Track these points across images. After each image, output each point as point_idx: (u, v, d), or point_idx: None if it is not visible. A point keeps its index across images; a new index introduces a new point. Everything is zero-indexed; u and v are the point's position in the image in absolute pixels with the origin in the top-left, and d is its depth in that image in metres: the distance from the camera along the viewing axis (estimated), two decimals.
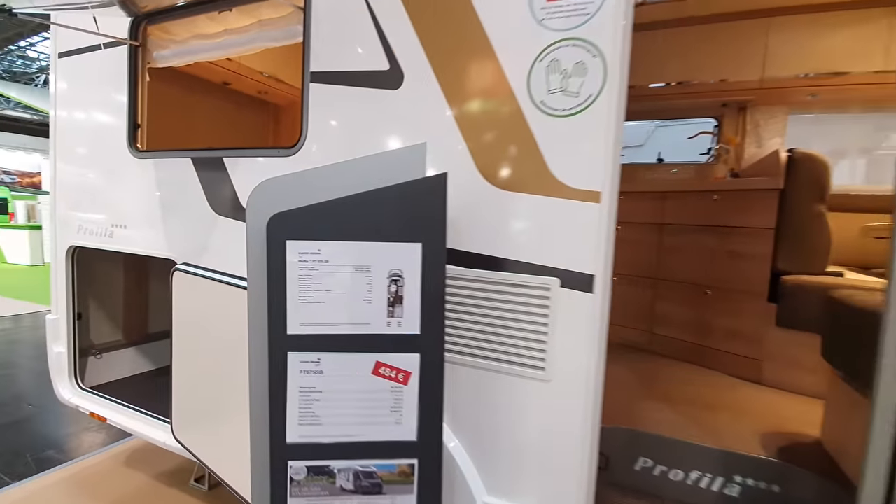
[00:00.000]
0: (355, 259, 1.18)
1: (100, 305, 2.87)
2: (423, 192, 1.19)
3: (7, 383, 4.50)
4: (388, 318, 1.21)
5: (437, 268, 1.21)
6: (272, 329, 1.17)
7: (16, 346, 5.61)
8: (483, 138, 1.46)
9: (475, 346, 1.50)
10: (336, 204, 1.17)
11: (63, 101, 2.51)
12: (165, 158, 2.12)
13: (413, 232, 1.19)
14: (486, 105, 1.46)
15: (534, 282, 1.42)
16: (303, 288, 1.17)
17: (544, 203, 1.39)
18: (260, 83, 3.49)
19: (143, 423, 2.36)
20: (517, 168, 1.43)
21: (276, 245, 1.15)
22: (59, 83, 2.52)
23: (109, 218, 2.34)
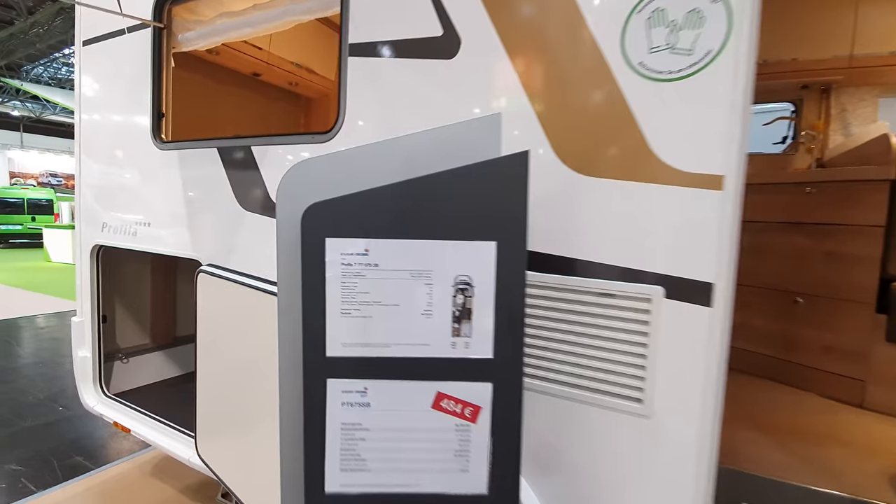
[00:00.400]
0: (412, 262, 0.92)
1: (126, 307, 2.74)
2: (500, 176, 0.92)
3: (44, 382, 4.50)
4: (453, 338, 0.94)
5: (517, 273, 0.94)
6: (307, 350, 0.93)
7: (57, 344, 5.67)
8: (561, 113, 1.18)
9: (552, 370, 1.22)
10: (388, 191, 0.91)
11: (87, 91, 2.37)
12: (190, 149, 1.93)
13: (486, 227, 0.92)
14: (566, 72, 1.18)
15: (628, 290, 1.13)
16: (346, 298, 0.92)
17: (643, 191, 1.10)
18: (291, 73, 3.30)
19: (167, 437, 2.18)
20: (606, 148, 1.14)
21: (312, 243, 0.91)
22: (83, 73, 2.38)
23: (133, 215, 2.18)
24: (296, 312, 0.92)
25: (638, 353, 1.13)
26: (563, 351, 1.20)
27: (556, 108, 1.19)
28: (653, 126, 1.09)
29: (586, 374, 1.18)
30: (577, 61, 1.17)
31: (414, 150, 0.94)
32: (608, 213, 1.14)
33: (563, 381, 1.21)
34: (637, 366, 1.13)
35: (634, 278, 1.12)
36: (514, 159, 0.92)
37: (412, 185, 0.91)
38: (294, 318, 0.92)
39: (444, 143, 0.95)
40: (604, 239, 1.14)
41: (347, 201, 0.91)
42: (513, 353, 0.95)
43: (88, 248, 2.40)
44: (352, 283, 0.92)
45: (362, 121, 1.49)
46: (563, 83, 1.18)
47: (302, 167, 0.92)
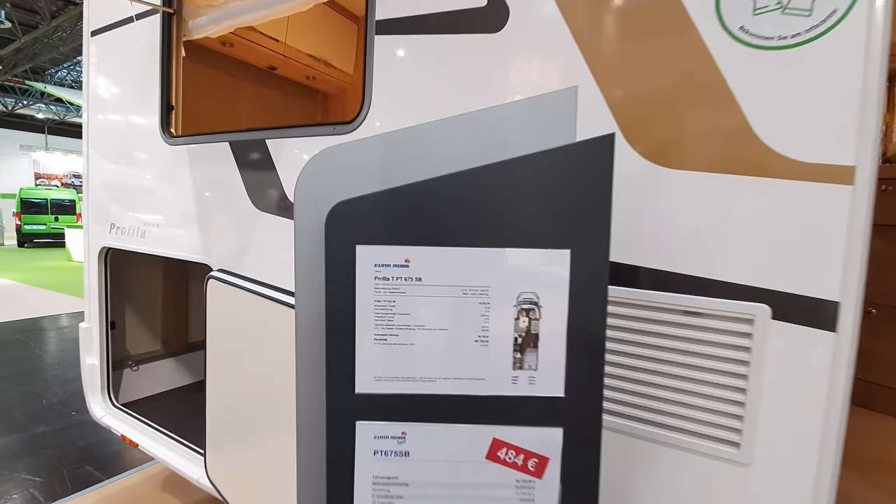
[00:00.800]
0: (464, 275, 0.73)
1: (136, 312, 2.61)
2: (576, 166, 0.72)
3: (59, 385, 4.44)
4: (515, 371, 0.75)
5: (597, 289, 0.73)
6: (332, 385, 0.74)
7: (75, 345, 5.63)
8: (635, 94, 0.98)
9: (624, 403, 1.01)
10: (434, 187, 0.72)
11: (95, 84, 2.24)
12: (200, 144, 1.77)
13: (558, 231, 0.72)
14: (643, 42, 0.97)
15: (723, 309, 0.91)
16: (381, 321, 0.73)
17: (744, 186, 0.89)
18: (308, 67, 3.15)
19: (176, 454, 2.03)
20: (695, 134, 0.93)
21: (339, 251, 0.72)
22: (91, 66, 2.25)
23: (141, 215, 2.03)
24: (317, 338, 0.73)
25: (735, 385, 0.92)
26: (637, 381, 0.99)
27: (629, 88, 0.98)
28: (758, 106, 0.87)
29: (667, 410, 0.97)
30: (656, 29, 0.96)
31: (466, 135, 0.75)
32: (696, 213, 0.93)
33: (638, 418, 1.00)
34: (733, 402, 0.92)
35: (731, 294, 0.91)
36: (595, 145, 0.71)
37: (463, 178, 0.72)
38: (315, 346, 0.74)
39: (503, 125, 0.75)
40: (691, 245, 0.93)
41: (383, 199, 0.72)
42: (590, 390, 0.75)
43: (97, 250, 2.26)
44: (388, 301, 0.73)
45: (391, 108, 1.30)
46: (637, 57, 0.97)
47: (326, 155, 0.73)
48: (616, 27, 1.00)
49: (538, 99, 0.74)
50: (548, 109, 0.74)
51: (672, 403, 0.96)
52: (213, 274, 1.65)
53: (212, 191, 1.75)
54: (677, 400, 0.96)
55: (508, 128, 0.74)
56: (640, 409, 0.99)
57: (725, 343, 0.92)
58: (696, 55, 0.92)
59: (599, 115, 0.99)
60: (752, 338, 0.89)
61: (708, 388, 0.93)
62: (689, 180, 0.93)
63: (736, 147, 0.89)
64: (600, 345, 0.75)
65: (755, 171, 0.87)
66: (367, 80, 1.31)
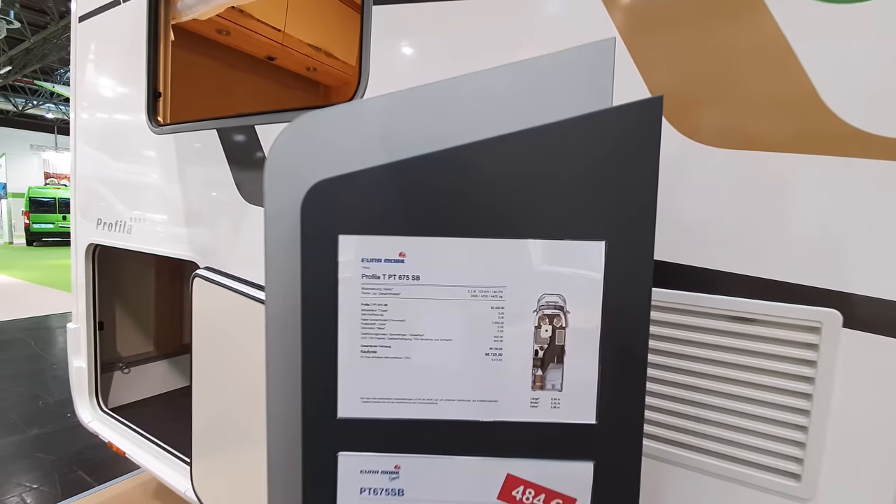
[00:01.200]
0: (473, 273, 0.59)
1: (127, 312, 2.49)
2: (613, 139, 0.57)
3: (56, 386, 4.36)
4: (535, 392, 0.60)
5: (638, 290, 0.59)
6: (309, 408, 0.60)
7: None
8: (672, 58, 0.83)
9: (658, 423, 0.86)
10: (437, 162, 0.58)
11: (82, 72, 2.12)
12: (186, 132, 1.64)
13: (590, 218, 0.58)
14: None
15: (780, 315, 0.76)
16: (369, 329, 0.59)
17: (811, 166, 0.74)
18: (309, 58, 3.02)
19: (163, 464, 1.91)
20: (748, 106, 0.78)
21: (317, 243, 0.58)
22: (78, 53, 2.13)
23: (127, 209, 1.91)
24: (291, 350, 0.60)
25: (795, 406, 0.76)
26: (676, 398, 0.84)
27: (665, 52, 0.83)
28: (828, 70, 0.72)
29: (713, 434, 0.82)
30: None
31: (476, 99, 0.61)
32: (749, 201, 0.78)
33: (677, 442, 0.85)
34: (794, 426, 0.77)
35: (793, 297, 0.76)
36: (638, 111, 0.57)
37: (473, 152, 0.58)
38: (288, 359, 0.60)
39: (523, 86, 0.61)
40: (742, 239, 0.78)
41: (373, 177, 0.58)
42: (628, 416, 0.60)
43: (84, 247, 2.15)
44: (378, 305, 0.59)
45: (391, 85, 1.16)
46: (674, 13, 0.83)
47: (303, 124, 0.59)
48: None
49: (566, 54, 0.60)
50: (578, 67, 0.59)
51: (719, 426, 0.81)
52: (199, 272, 1.52)
53: (198, 182, 1.63)
54: (725, 422, 0.81)
55: (529, 90, 0.60)
56: (680, 432, 0.85)
57: (785, 355, 0.77)
58: (749, 9, 0.77)
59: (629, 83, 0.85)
60: (818, 350, 0.74)
61: (762, 408, 0.78)
62: (738, 160, 0.78)
63: (799, 120, 0.74)
64: (641, 360, 0.60)
65: (824, 148, 0.72)
66: (363, 56, 1.17)
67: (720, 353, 0.81)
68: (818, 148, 0.73)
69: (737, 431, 0.81)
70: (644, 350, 0.60)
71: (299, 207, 0.57)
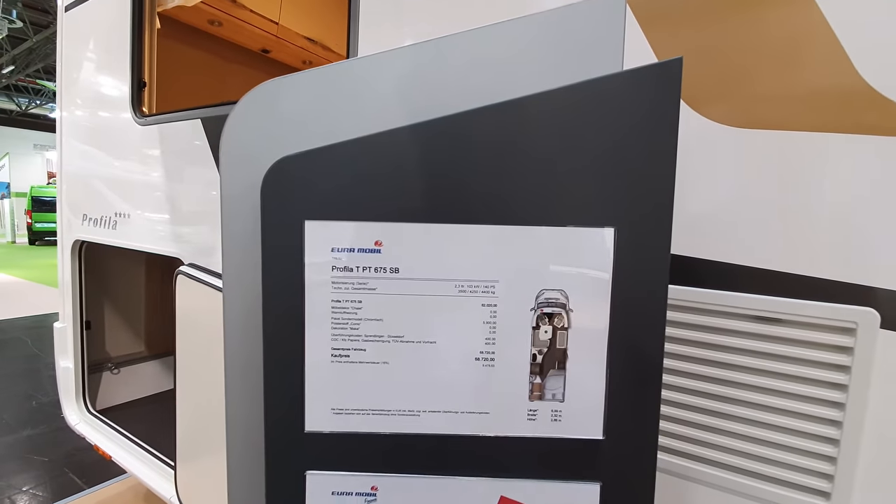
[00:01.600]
0: (460, 265, 0.51)
1: (117, 311, 2.42)
2: (624, 107, 0.49)
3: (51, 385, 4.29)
4: (533, 402, 0.52)
5: (652, 286, 0.51)
6: (272, 420, 0.52)
7: None
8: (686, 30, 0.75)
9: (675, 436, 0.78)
10: (419, 136, 0.50)
11: (68, 63, 2.05)
12: (170, 122, 1.57)
13: (596, 201, 0.50)
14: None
15: (813, 314, 0.68)
16: (341, 329, 0.51)
17: (846, 147, 0.65)
18: (304, 50, 2.94)
19: (149, 469, 1.83)
20: (775, 81, 0.70)
21: (280, 229, 0.50)
22: (64, 44, 2.06)
23: (112, 204, 1.84)
24: (251, 355, 0.52)
25: (826, 417, 0.68)
26: (691, 407, 0.76)
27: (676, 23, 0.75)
28: (865, 41, 0.64)
29: (732, 447, 0.74)
30: None
31: (467, 62, 0.53)
32: (772, 184, 0.69)
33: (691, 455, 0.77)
34: (823, 438, 0.69)
35: (823, 294, 0.67)
36: (652, 74, 0.49)
37: (462, 123, 0.50)
38: (248, 366, 0.52)
39: (521, 47, 0.53)
40: (766, 228, 0.70)
41: (344, 153, 0.50)
42: (641, 430, 0.52)
43: (70, 244, 2.08)
44: (351, 302, 0.51)
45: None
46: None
47: (264, 93, 0.52)
48: None
49: (568, 10, 0.52)
50: (583, 25, 0.51)
51: (739, 438, 0.73)
52: (182, 269, 1.45)
53: (183, 175, 1.55)
54: (746, 434, 0.73)
55: (527, 52, 0.52)
56: (696, 444, 0.76)
57: (814, 360, 0.68)
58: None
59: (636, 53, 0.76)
60: (852, 353, 0.66)
61: (788, 419, 0.70)
62: (762, 141, 0.69)
63: (833, 96, 0.65)
64: (656, 365, 0.52)
65: (861, 126, 0.64)
66: (351, 32, 1.09)
67: (741, 357, 0.73)
68: (853, 126, 0.64)
69: (759, 444, 0.73)
70: (659, 354, 0.52)
71: (259, 190, 0.49)
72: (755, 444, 0.73)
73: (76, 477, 2.82)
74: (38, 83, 15.94)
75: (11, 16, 11.70)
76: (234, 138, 0.51)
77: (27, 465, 2.97)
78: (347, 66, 0.54)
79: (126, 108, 1.72)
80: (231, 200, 0.52)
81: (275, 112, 0.52)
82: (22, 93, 17.81)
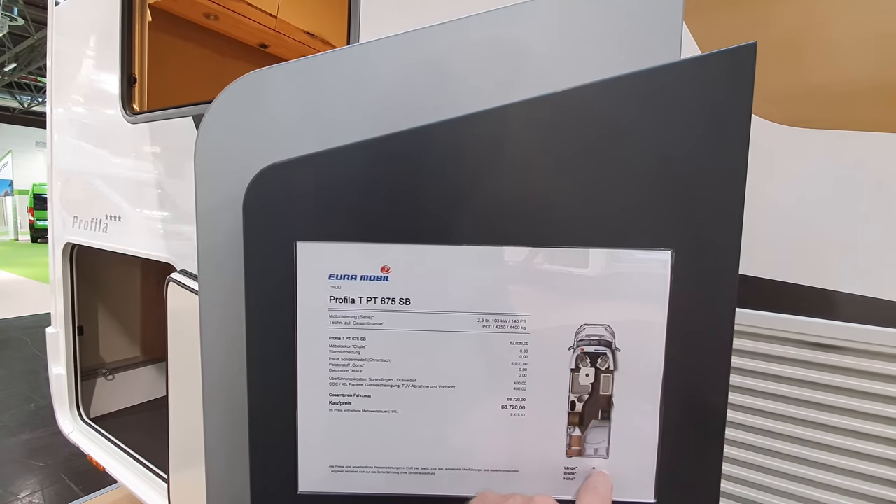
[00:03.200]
0: (483, 295, 0.42)
1: (111, 316, 2.35)
2: (686, 105, 0.40)
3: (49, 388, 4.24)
4: (571, 458, 0.44)
5: (717, 321, 0.42)
6: (258, 480, 0.44)
7: None
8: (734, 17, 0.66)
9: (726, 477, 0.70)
10: (434, 140, 0.41)
11: (59, 59, 1.97)
12: (160, 120, 1.48)
13: (650, 218, 0.41)
14: None
15: (876, 342, 0.59)
16: (341, 372, 0.43)
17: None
18: (304, 45, 2.85)
19: (142, 481, 1.76)
20: (845, 74, 0.60)
21: (266, 251, 0.41)
22: (55, 38, 1.98)
23: (102, 206, 1.76)
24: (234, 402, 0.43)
25: (891, 458, 0.60)
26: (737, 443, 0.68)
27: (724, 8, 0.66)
28: None
29: (782, 489, 0.65)
30: None
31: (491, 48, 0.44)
32: (833, 193, 0.61)
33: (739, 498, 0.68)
34: (890, 483, 0.60)
35: (889, 318, 0.59)
36: (720, 64, 0.40)
37: (486, 123, 0.41)
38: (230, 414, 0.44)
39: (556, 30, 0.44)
40: (823, 244, 0.61)
41: (344, 160, 0.41)
42: (702, 491, 0.44)
43: (61, 247, 2.00)
44: (353, 339, 0.42)
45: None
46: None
47: (248, 86, 0.43)
48: None
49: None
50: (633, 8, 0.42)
51: (793, 480, 0.65)
52: (173, 276, 1.37)
53: (174, 176, 1.47)
54: (797, 475, 0.64)
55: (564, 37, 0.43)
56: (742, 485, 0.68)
57: (880, 394, 0.60)
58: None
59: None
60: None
61: (848, 459, 0.61)
62: (827, 143, 0.60)
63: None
64: (719, 414, 0.43)
65: None
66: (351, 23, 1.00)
67: (795, 389, 0.64)
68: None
69: (814, 487, 0.64)
70: (723, 402, 0.43)
71: (241, 203, 0.40)
72: (811, 486, 0.64)
73: (73, 483, 2.76)
74: (39, 80, 15.88)
75: (13, 13, 11.62)
76: (211, 142, 0.43)
77: (25, 470, 2.91)
78: (346, 54, 0.45)
79: (116, 105, 1.63)
80: (208, 216, 0.43)
81: (259, 111, 0.43)
82: (24, 90, 17.76)
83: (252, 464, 0.43)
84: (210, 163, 0.43)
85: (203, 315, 0.45)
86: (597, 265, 0.42)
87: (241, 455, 0.45)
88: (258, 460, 0.43)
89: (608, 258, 0.42)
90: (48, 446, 3.17)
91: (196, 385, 0.51)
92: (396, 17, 0.99)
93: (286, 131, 0.43)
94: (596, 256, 0.42)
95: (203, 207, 0.43)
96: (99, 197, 1.77)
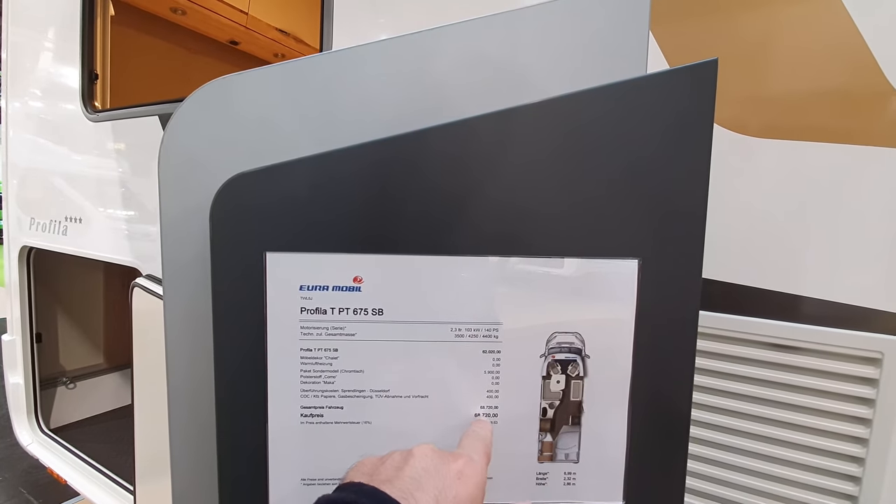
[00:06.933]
0: (456, 305, 0.42)
1: (72, 322, 2.24)
2: (650, 116, 0.42)
3: None
4: (543, 464, 0.45)
5: (681, 328, 0.43)
6: (227, 493, 0.43)
7: None
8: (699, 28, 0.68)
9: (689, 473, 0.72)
10: (406, 149, 0.41)
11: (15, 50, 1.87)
12: (124, 119, 1.43)
13: (616, 228, 0.42)
14: None
15: (833, 342, 0.62)
16: (313, 384, 0.42)
17: (874, 161, 0.60)
18: (276, 43, 2.79)
19: (106, 494, 1.69)
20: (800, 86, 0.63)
21: (234, 262, 0.41)
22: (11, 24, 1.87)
23: (62, 207, 1.68)
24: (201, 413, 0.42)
25: (846, 453, 0.63)
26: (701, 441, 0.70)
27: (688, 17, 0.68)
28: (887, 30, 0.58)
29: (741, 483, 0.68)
30: None
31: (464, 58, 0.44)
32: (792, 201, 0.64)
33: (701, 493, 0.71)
34: (844, 476, 0.63)
35: (844, 320, 0.62)
36: (682, 79, 0.41)
37: (458, 133, 0.41)
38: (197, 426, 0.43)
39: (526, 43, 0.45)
40: (781, 248, 0.64)
41: (315, 169, 0.40)
42: (668, 492, 0.45)
43: (17, 250, 1.90)
44: (325, 351, 0.42)
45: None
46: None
47: (215, 92, 0.42)
48: None
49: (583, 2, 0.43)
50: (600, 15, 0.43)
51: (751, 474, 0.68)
52: (138, 281, 1.32)
53: (139, 174, 1.42)
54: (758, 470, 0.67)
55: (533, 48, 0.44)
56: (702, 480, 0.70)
57: (833, 391, 0.63)
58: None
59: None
60: (876, 385, 0.61)
61: (804, 454, 0.65)
62: (785, 154, 0.63)
63: (862, 105, 0.60)
64: (683, 416, 0.45)
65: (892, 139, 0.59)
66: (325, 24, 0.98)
67: (755, 388, 0.67)
68: (884, 138, 0.59)
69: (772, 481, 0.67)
70: (688, 404, 0.44)
71: (207, 212, 0.39)
72: (768, 480, 0.68)
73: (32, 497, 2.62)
74: None
75: None
76: (176, 150, 0.41)
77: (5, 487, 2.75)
78: (318, 60, 0.44)
79: (76, 102, 1.56)
80: (172, 227, 0.42)
81: (226, 118, 0.42)
82: None
83: (221, 479, 0.42)
84: (175, 171, 0.42)
85: (168, 328, 0.44)
86: (567, 274, 0.43)
87: (208, 468, 0.43)
88: (226, 475, 0.42)
89: (578, 267, 0.43)
90: (5, 458, 3.00)
91: (163, 393, 0.49)
92: (370, 15, 0.98)
93: (254, 140, 0.42)
94: (566, 266, 0.43)
95: (167, 217, 0.42)
96: (58, 197, 1.69)
